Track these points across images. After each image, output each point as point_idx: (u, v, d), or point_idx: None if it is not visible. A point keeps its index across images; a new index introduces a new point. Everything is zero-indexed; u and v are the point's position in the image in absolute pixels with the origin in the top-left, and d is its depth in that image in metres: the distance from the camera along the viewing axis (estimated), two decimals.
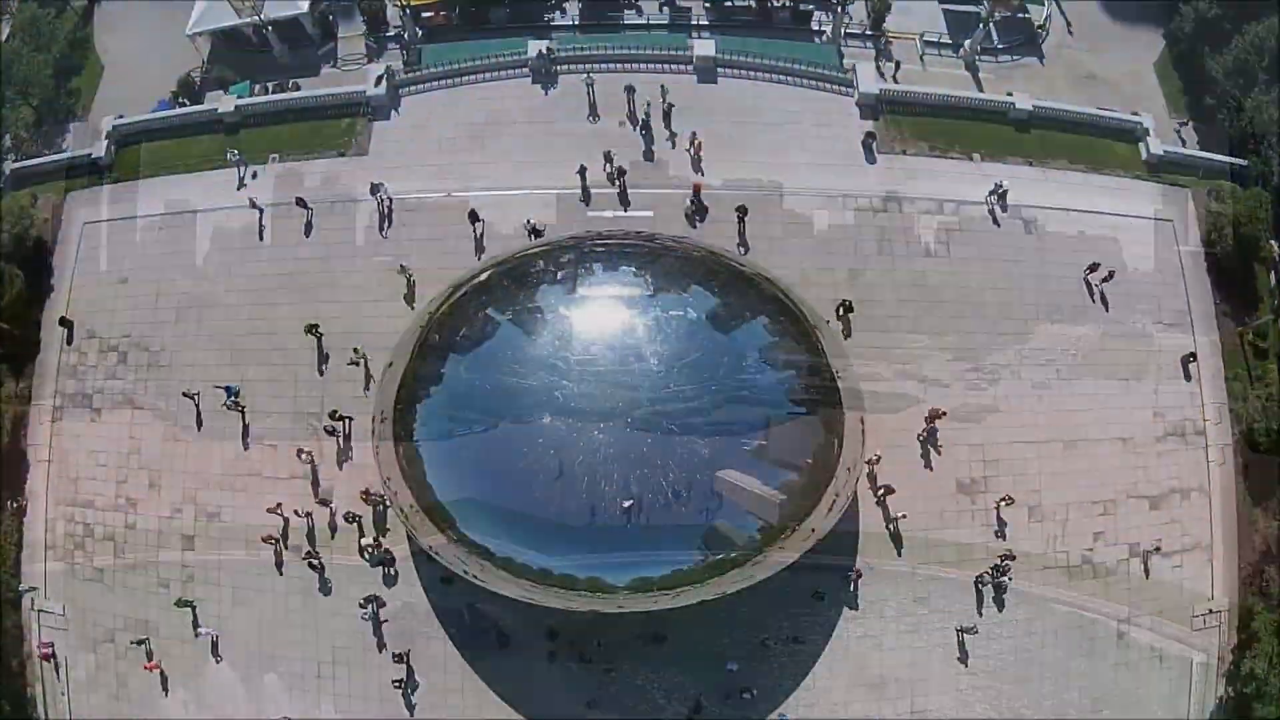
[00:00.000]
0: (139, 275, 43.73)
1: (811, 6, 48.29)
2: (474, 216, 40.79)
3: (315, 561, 38.76)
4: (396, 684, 37.53)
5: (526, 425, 30.66)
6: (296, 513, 39.21)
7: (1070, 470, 40.46)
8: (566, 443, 30.07)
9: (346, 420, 39.62)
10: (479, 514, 32.55)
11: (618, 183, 41.13)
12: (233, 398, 40.23)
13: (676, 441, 30.38)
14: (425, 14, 47.09)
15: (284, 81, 47.28)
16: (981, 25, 46.70)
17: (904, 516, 38.45)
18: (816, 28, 47.65)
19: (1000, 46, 48.75)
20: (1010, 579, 38.50)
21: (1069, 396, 41.13)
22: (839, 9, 46.26)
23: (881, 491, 38.62)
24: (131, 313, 43.32)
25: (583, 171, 41.01)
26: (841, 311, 39.87)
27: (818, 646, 37.89)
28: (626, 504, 29.98)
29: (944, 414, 39.05)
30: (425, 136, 43.43)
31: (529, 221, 40.36)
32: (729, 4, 48.55)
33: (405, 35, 46.53)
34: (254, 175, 43.80)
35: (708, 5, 48.30)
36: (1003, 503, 39.05)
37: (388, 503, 37.79)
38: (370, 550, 38.44)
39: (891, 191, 42.37)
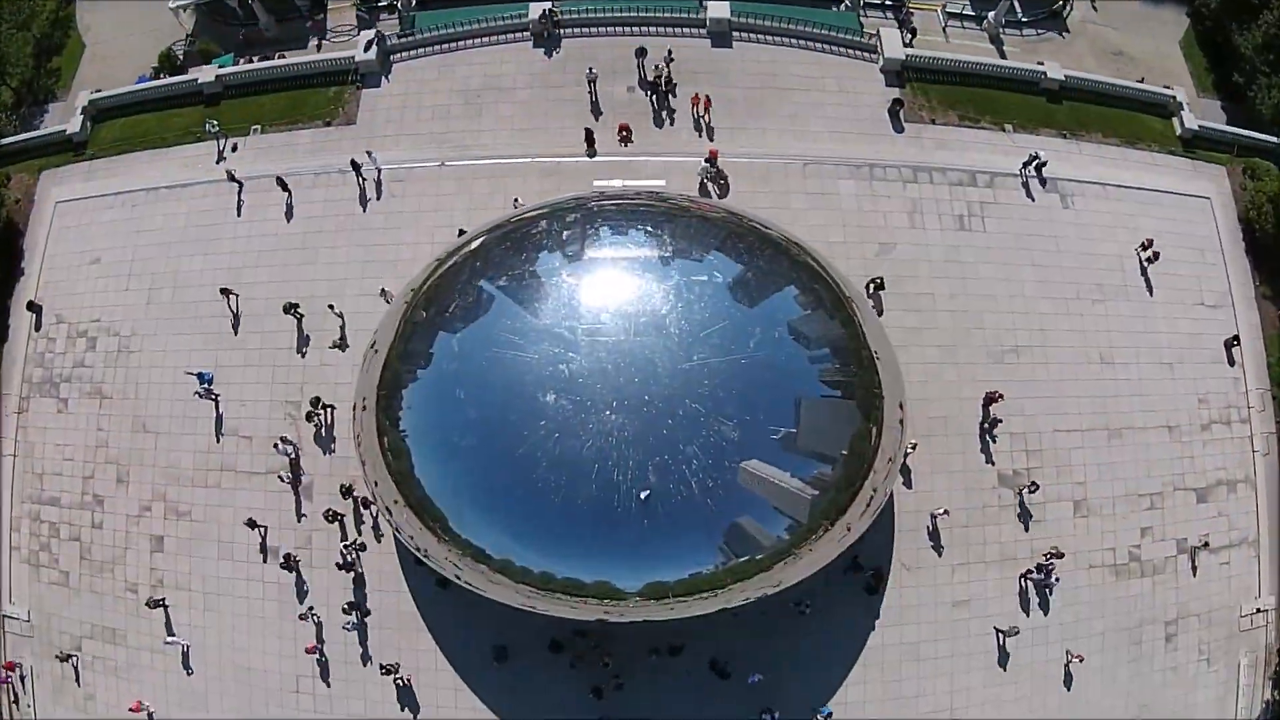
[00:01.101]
0: (111, 255, 37.20)
1: None
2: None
3: (293, 565, 32.03)
4: (398, 681, 31.00)
5: (526, 405, 24.05)
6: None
7: (1115, 460, 34.23)
8: (572, 425, 23.54)
9: (329, 409, 33.00)
10: (472, 510, 26.11)
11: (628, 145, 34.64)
12: (205, 385, 33.60)
13: (700, 424, 23.86)
14: None
15: (270, 55, 40.66)
16: None
17: (944, 513, 32.00)
18: None
19: (1024, 20, 42.57)
20: (1057, 580, 32.12)
21: (1112, 381, 34.88)
22: None
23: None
24: (102, 295, 36.77)
25: (590, 138, 34.64)
26: (872, 289, 33.52)
27: (849, 656, 31.32)
28: (644, 495, 23.47)
29: (1001, 397, 32.74)
30: (418, 104, 36.89)
31: (516, 201, 33.65)
32: None
33: (399, 4, 39.95)
34: (234, 148, 37.29)
35: None
36: (1026, 490, 32.71)
37: (372, 499, 31.22)
38: (353, 552, 31.77)
39: (921, 162, 35.99)
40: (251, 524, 32.41)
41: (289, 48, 41.03)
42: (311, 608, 31.60)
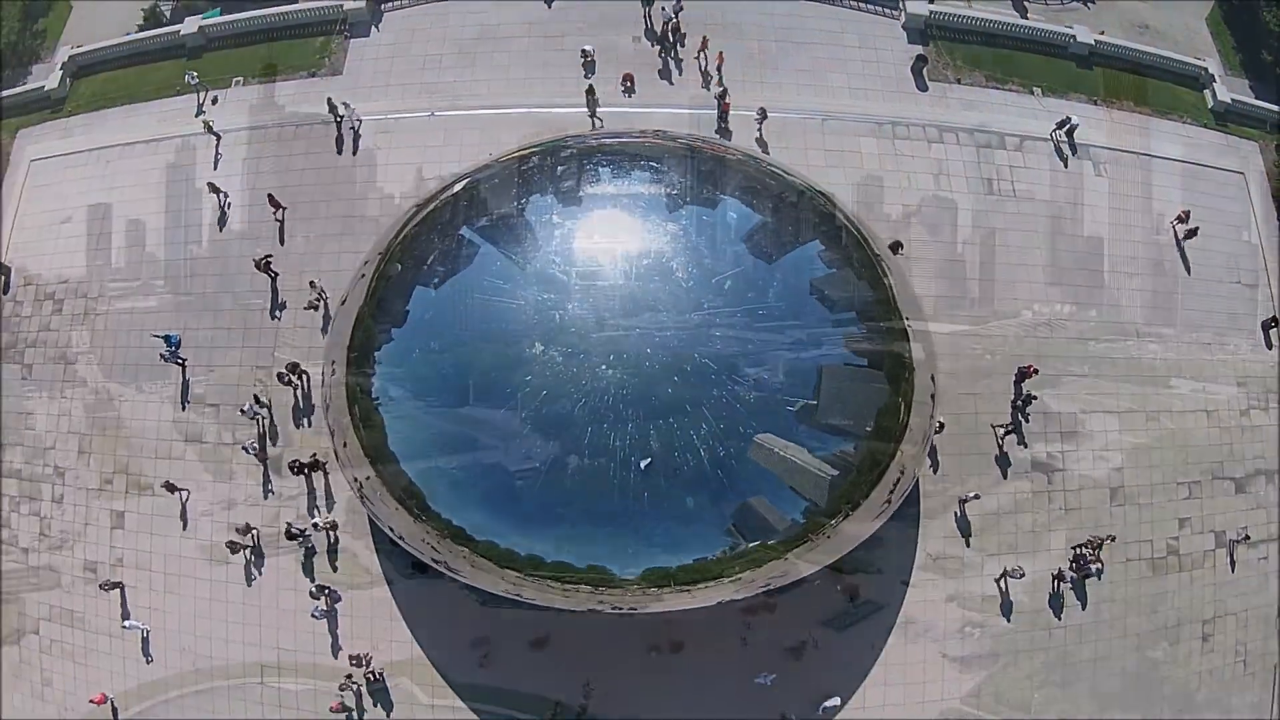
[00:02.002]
0: (82, 214, 32.21)
1: None
2: None
3: (254, 543, 27.19)
4: (369, 676, 26.09)
5: (511, 357, 19.16)
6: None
7: (1153, 445, 29.44)
8: (563, 380, 18.62)
9: (304, 375, 28.12)
10: (451, 484, 21.20)
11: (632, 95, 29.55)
12: (172, 348, 28.75)
13: (711, 382, 18.94)
14: None
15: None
16: None
17: (975, 497, 27.11)
18: None
19: None
20: (1097, 568, 27.35)
21: (1149, 361, 30.06)
22: None
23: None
24: (70, 255, 31.84)
25: (591, 91, 29.75)
26: (895, 251, 28.43)
27: (868, 660, 26.38)
28: (645, 463, 18.60)
29: (1035, 371, 27.88)
30: (408, 54, 31.92)
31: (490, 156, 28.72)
32: None
33: None
34: (214, 100, 32.41)
35: None
36: (999, 430, 27.89)
37: (354, 483, 26.22)
38: (326, 531, 26.88)
39: (946, 122, 31.16)
40: (170, 488, 27.85)
41: (278, 3, 36.14)
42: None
